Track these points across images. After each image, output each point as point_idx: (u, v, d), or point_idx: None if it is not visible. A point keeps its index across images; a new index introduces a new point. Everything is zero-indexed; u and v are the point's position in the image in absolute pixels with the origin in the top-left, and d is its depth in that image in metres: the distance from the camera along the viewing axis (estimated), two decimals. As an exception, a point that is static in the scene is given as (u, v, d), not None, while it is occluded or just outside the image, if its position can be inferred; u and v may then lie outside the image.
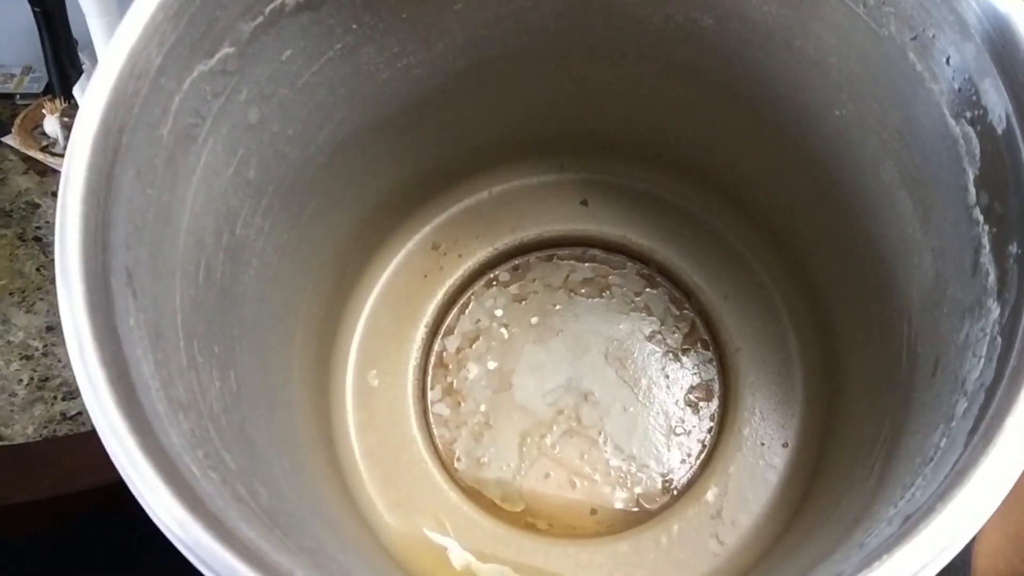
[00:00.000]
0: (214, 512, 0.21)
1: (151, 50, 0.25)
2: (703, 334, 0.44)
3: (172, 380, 0.25)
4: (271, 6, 0.29)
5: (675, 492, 0.42)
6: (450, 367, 0.45)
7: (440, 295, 0.46)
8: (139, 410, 0.22)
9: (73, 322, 0.22)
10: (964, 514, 0.19)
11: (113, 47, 0.24)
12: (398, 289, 0.45)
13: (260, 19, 0.29)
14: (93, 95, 0.24)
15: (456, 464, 0.43)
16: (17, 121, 0.82)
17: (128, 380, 0.22)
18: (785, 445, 0.40)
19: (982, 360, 0.23)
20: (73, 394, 0.59)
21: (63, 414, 0.59)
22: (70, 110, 0.79)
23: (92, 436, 0.22)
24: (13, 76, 0.89)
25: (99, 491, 0.54)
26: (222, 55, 0.28)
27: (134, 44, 0.25)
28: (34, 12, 0.77)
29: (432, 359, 0.45)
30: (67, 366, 0.60)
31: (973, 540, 0.35)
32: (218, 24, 0.28)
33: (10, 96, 0.87)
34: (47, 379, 0.61)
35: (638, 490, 0.42)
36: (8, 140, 0.81)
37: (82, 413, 0.57)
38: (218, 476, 0.24)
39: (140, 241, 0.26)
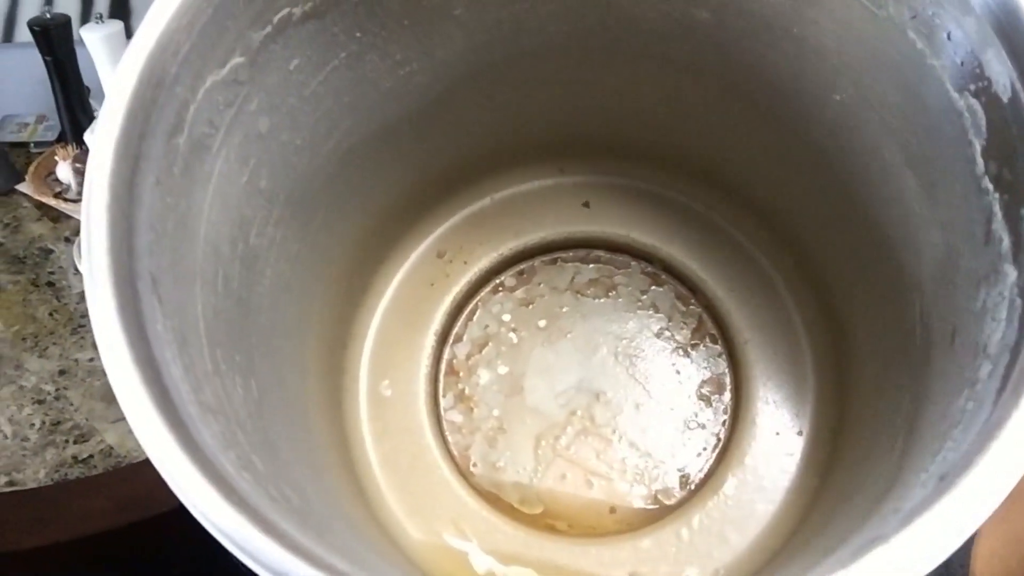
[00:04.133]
0: (257, 509, 0.21)
1: (167, 59, 0.26)
2: (711, 328, 0.45)
3: (200, 385, 0.25)
4: (279, 15, 0.29)
5: (693, 486, 0.42)
6: (461, 374, 0.45)
7: (447, 302, 0.46)
8: (173, 410, 0.22)
9: (105, 326, 0.22)
10: (1002, 464, 0.19)
11: (130, 56, 0.25)
12: (406, 298, 0.46)
13: (269, 28, 0.29)
14: (113, 102, 0.24)
15: (472, 469, 0.43)
16: (31, 169, 0.83)
17: (160, 382, 0.22)
18: (800, 433, 0.41)
19: (1003, 323, 0.23)
20: (84, 437, 0.59)
21: (75, 457, 0.58)
22: (82, 156, 0.80)
23: (103, 480, 0.22)
24: (27, 125, 0.90)
25: (111, 535, 0.54)
26: (233, 65, 0.29)
27: (151, 52, 0.25)
28: (45, 62, 0.78)
29: (443, 367, 0.45)
30: (79, 409, 0.60)
31: (972, 543, 0.35)
32: (229, 34, 0.28)
33: (24, 144, 0.88)
34: (59, 423, 0.60)
35: (656, 486, 0.42)
36: (22, 187, 0.82)
37: (93, 456, 0.57)
38: (251, 477, 0.24)
39: (162, 248, 0.26)
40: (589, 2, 0.35)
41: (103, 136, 0.24)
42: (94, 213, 0.23)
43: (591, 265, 0.47)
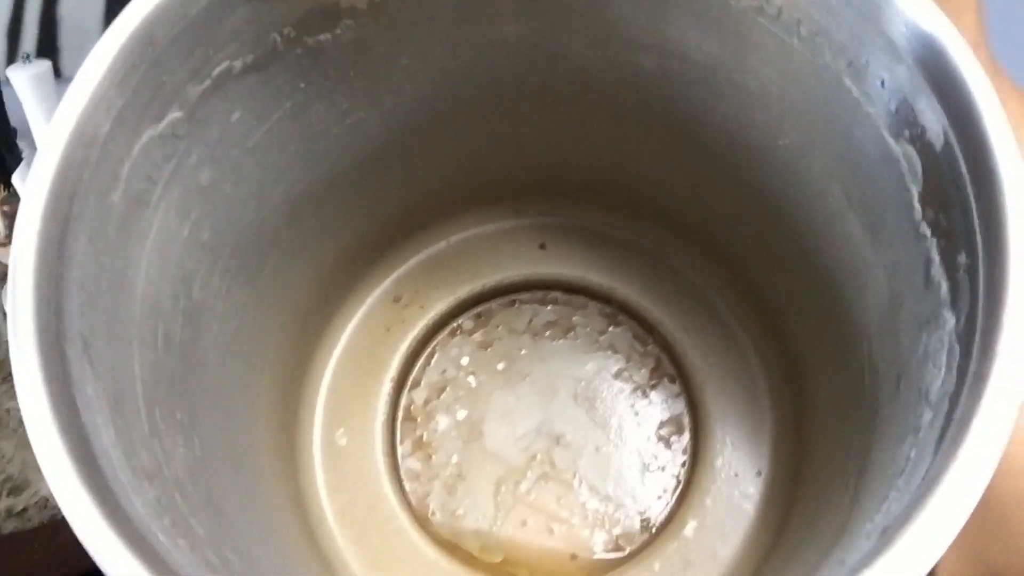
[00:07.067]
0: (185, 580, 0.21)
1: (99, 116, 0.25)
2: (669, 368, 0.44)
3: (134, 448, 0.25)
4: (218, 69, 0.29)
5: (654, 530, 0.41)
6: (419, 420, 0.45)
7: (404, 348, 0.45)
8: (101, 479, 0.21)
9: (29, 393, 0.21)
10: (940, 519, 0.19)
11: (61, 114, 0.24)
12: (361, 345, 0.45)
13: (208, 82, 0.29)
14: (42, 163, 0.24)
15: (431, 518, 0.42)
16: (-45, 212, 0.81)
17: (88, 450, 0.22)
18: (759, 473, 0.41)
19: (943, 369, 0.23)
20: (18, 489, 0.57)
21: (8, 511, 0.56)
22: (10, 199, 0.78)
23: (40, 533, 0.21)
24: (-51, 168, 0.88)
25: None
26: (171, 119, 0.28)
27: (82, 111, 0.25)
28: (-31, 101, 0.76)
29: (400, 413, 0.45)
30: (11, 460, 0.58)
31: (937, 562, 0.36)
32: (165, 89, 0.28)
33: (-53, 188, 0.86)
34: (-10, 475, 0.59)
35: (617, 531, 0.41)
36: (-53, 231, 0.80)
37: (28, 509, 0.54)
38: (187, 543, 0.23)
39: (95, 308, 0.25)
40: (537, 54, 0.35)
41: (32, 199, 0.23)
42: (20, 279, 0.22)
43: (549, 307, 0.47)
